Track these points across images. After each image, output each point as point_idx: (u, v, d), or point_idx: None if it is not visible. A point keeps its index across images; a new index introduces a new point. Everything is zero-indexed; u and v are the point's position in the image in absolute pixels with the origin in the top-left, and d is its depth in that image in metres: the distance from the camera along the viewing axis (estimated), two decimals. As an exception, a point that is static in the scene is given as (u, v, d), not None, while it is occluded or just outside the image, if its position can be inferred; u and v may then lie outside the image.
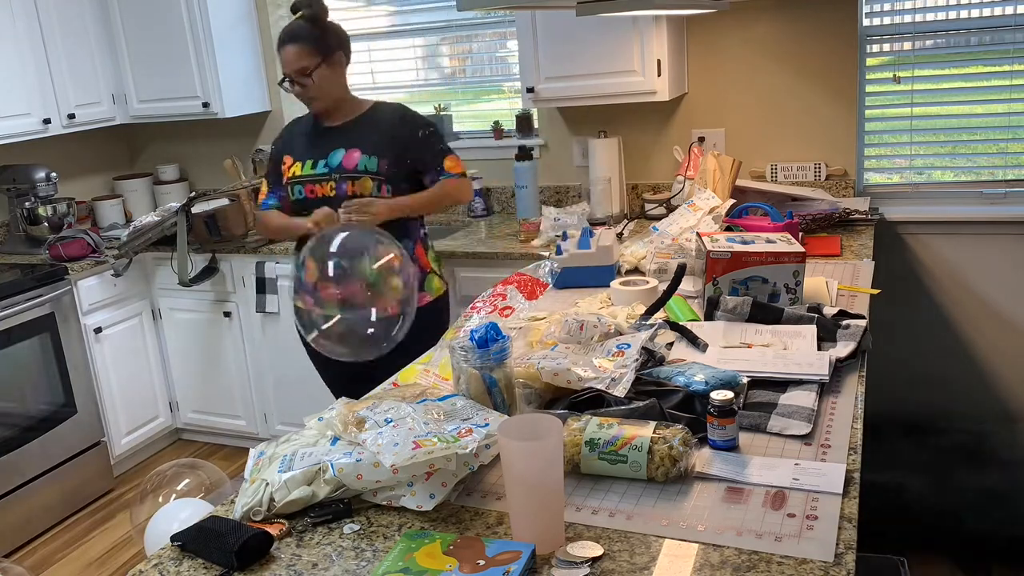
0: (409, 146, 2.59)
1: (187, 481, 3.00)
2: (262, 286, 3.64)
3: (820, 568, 1.13)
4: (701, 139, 3.42)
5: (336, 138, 2.61)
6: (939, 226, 3.15)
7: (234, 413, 3.93)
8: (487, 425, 1.39)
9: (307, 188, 2.59)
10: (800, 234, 2.61)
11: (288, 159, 2.64)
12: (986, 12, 3.04)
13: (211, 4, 3.78)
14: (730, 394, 1.44)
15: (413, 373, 1.77)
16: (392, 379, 1.83)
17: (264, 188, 2.73)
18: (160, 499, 2.94)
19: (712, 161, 2.98)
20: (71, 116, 3.81)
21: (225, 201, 3.69)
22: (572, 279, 2.46)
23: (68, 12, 3.79)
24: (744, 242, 2.07)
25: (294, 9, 2.56)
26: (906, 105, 3.21)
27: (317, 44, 2.52)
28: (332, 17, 4.02)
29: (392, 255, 1.85)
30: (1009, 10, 3.00)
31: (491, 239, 3.37)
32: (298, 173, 2.60)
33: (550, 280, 2.05)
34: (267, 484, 1.37)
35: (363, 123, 2.63)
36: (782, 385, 1.65)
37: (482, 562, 1.17)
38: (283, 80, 2.59)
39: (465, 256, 3.22)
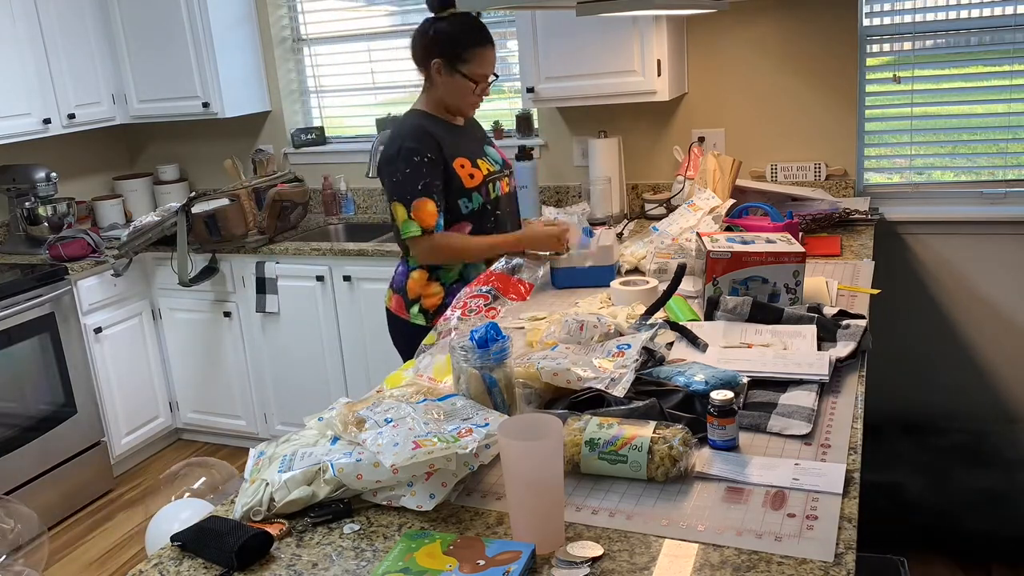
0: None
1: (203, 480, 3.00)
2: (262, 286, 3.65)
3: (820, 568, 1.13)
4: (701, 139, 3.42)
5: (476, 136, 2.53)
6: (939, 226, 3.15)
7: (234, 413, 3.93)
8: (487, 425, 1.39)
9: (501, 184, 2.49)
10: (800, 234, 2.61)
11: (464, 160, 2.38)
12: (986, 12, 3.04)
13: (211, 4, 3.78)
14: (730, 394, 1.44)
15: (400, 380, 1.77)
16: (376, 388, 1.82)
17: (431, 207, 2.32)
18: (173, 496, 2.95)
19: (712, 161, 2.98)
20: (71, 116, 3.81)
21: (225, 201, 3.69)
22: (572, 279, 2.46)
23: (68, 12, 3.79)
24: (744, 242, 2.07)
25: (440, 5, 2.35)
26: (906, 105, 3.21)
27: None
28: (331, 16, 4.05)
29: None
30: (1009, 10, 3.01)
31: (491, 239, 3.36)
32: (492, 170, 2.46)
33: (535, 283, 2.05)
34: (267, 484, 1.37)
35: (474, 123, 2.60)
36: (782, 385, 1.65)
37: (482, 562, 1.17)
38: (492, 80, 2.42)
39: (465, 256, 3.22)
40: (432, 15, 2.37)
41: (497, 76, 2.44)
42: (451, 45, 2.33)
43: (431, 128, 2.37)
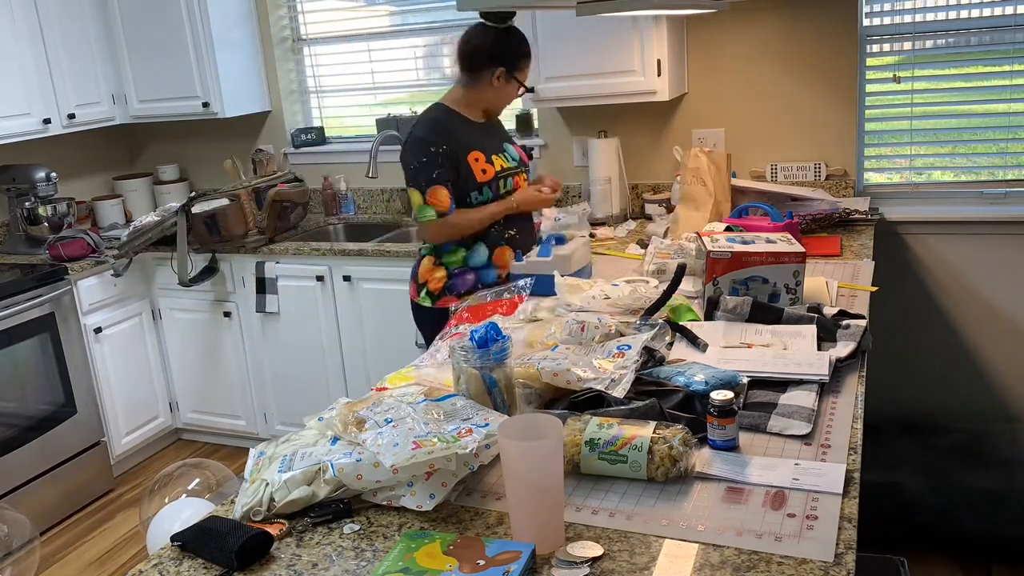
0: None
1: (196, 481, 3.00)
2: (262, 286, 3.64)
3: (820, 568, 1.13)
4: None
5: (497, 133, 2.69)
6: (939, 226, 3.15)
7: (234, 413, 3.93)
8: (487, 425, 1.39)
9: (515, 180, 2.64)
10: (799, 234, 2.61)
11: (479, 154, 2.55)
12: (986, 12, 3.04)
13: (211, 4, 3.78)
14: (730, 394, 1.44)
15: (402, 379, 1.76)
16: (378, 384, 1.82)
17: (444, 195, 2.50)
18: (167, 499, 2.94)
19: (703, 158, 2.88)
20: (71, 116, 3.81)
21: (225, 201, 3.69)
22: (545, 287, 2.38)
23: (68, 12, 3.79)
24: (744, 242, 2.07)
25: (504, 18, 2.55)
26: (906, 105, 3.21)
27: None
28: (331, 16, 4.05)
29: None
30: (1009, 10, 3.00)
31: (491, 239, 3.36)
32: (506, 166, 2.61)
33: (526, 293, 2.03)
34: (267, 484, 1.37)
35: (498, 120, 2.76)
36: (782, 385, 1.65)
37: (482, 562, 1.17)
38: (529, 90, 2.69)
39: (465, 256, 3.22)
40: (491, 24, 2.54)
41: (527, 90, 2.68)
42: (514, 56, 2.57)
43: (449, 122, 2.57)
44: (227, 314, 3.76)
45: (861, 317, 1.91)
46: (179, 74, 3.90)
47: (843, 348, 1.78)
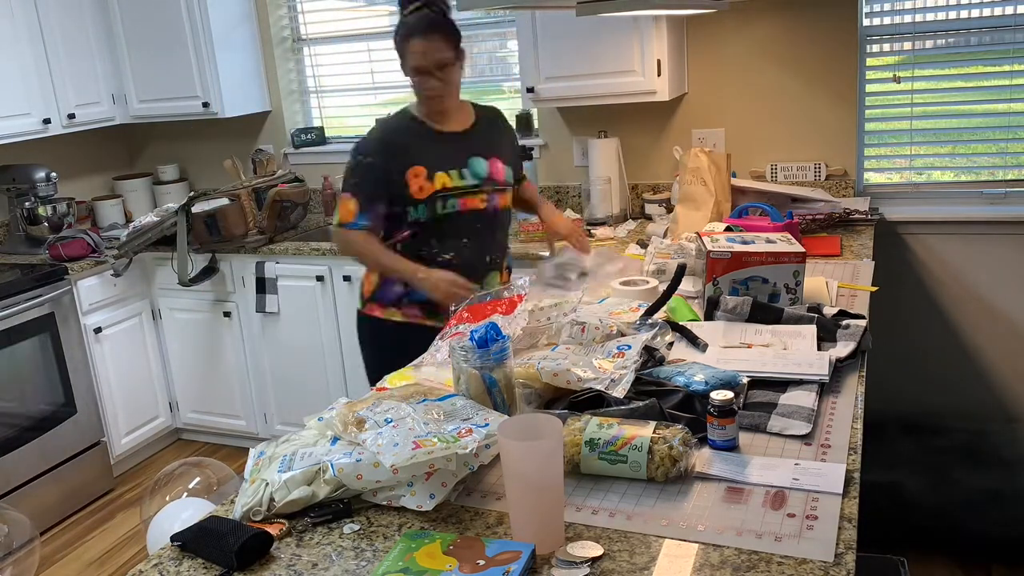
0: (514, 153, 2.55)
1: (197, 480, 2.99)
2: (262, 286, 3.64)
3: (820, 568, 1.13)
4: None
5: (467, 144, 2.39)
6: (939, 226, 3.15)
7: (234, 413, 3.93)
8: (487, 425, 1.39)
9: (461, 201, 2.35)
10: (799, 234, 2.61)
11: (420, 169, 2.31)
12: (986, 12, 3.04)
13: (211, 4, 3.78)
14: (730, 394, 1.44)
15: (403, 379, 1.76)
16: (378, 385, 1.81)
17: (352, 206, 2.32)
18: (168, 497, 2.94)
19: (703, 158, 2.88)
20: (71, 116, 3.81)
21: (225, 201, 3.69)
22: None
23: (68, 12, 3.79)
24: (744, 242, 2.07)
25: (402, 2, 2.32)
26: (906, 105, 3.21)
27: (456, 37, 2.30)
28: (331, 16, 4.05)
29: None
30: (1009, 10, 3.00)
31: (491, 239, 3.36)
32: (449, 184, 2.32)
33: (525, 292, 2.03)
34: (267, 484, 1.37)
35: (486, 128, 2.45)
36: (782, 385, 1.65)
37: (482, 562, 1.17)
38: (425, 73, 2.27)
39: (465, 256, 3.22)
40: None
41: (426, 74, 2.28)
42: (400, 38, 2.31)
43: (399, 132, 2.36)
44: (227, 314, 3.76)
45: (861, 317, 1.91)
46: (179, 74, 3.90)
47: (843, 348, 1.78)
